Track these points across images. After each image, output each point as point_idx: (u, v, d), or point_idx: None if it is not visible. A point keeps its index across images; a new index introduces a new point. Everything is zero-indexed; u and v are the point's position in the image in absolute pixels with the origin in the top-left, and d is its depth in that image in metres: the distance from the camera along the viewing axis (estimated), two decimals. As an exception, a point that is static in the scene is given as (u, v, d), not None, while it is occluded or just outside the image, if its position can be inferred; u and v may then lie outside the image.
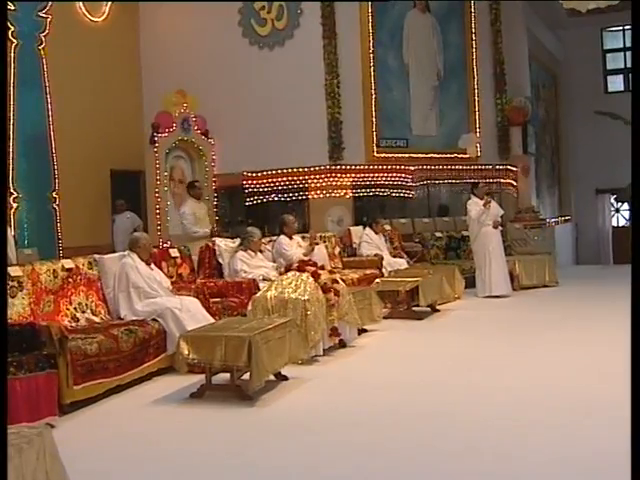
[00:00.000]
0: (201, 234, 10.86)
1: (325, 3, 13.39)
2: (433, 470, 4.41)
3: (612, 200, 23.11)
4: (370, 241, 12.15)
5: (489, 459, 4.50)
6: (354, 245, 12.58)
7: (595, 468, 4.28)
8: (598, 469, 4.27)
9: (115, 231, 13.29)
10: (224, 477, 4.47)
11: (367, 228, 12.34)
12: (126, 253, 7.66)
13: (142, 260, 7.59)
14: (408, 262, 12.24)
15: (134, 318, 7.17)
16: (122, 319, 7.23)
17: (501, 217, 12.15)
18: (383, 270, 11.47)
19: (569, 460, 4.41)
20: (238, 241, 9.59)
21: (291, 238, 10.01)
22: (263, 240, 10.28)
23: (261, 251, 9.79)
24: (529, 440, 4.81)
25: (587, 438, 4.79)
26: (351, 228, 13.03)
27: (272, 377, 6.40)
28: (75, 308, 7.10)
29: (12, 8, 11.15)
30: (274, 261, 9.71)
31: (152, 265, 7.80)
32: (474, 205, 11.89)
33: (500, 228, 11.96)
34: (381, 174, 13.85)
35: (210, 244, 9.72)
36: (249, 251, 9.37)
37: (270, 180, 13.67)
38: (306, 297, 7.39)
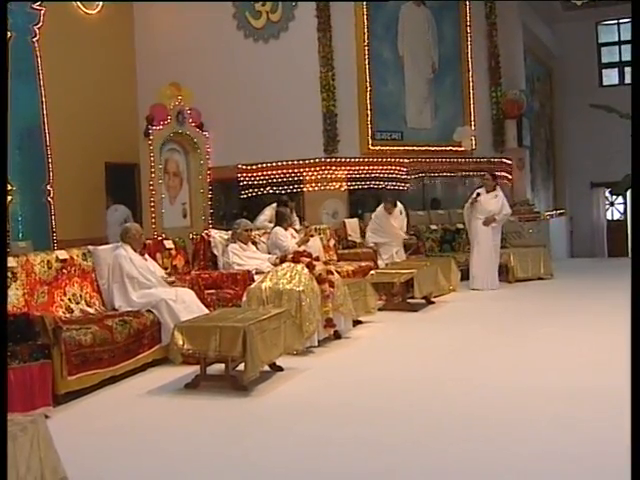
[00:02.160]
0: None
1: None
2: (428, 461, 4.41)
3: (607, 193, 23.14)
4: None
5: (485, 451, 4.49)
6: (349, 237, 12.60)
7: (591, 459, 4.27)
8: (594, 461, 4.25)
9: (107, 225, 13.24)
10: (219, 467, 4.46)
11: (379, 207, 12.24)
12: (119, 244, 7.65)
13: (134, 250, 7.58)
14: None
15: (128, 309, 7.16)
16: (116, 310, 7.22)
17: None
18: (379, 261, 11.48)
19: (566, 451, 4.41)
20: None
21: (286, 230, 9.99)
22: (258, 232, 10.28)
23: (255, 243, 9.78)
24: (525, 431, 4.80)
25: (584, 429, 4.77)
26: (346, 220, 13.04)
27: (267, 368, 6.40)
28: (69, 299, 7.09)
29: (6, 0, 11.10)
30: (269, 253, 9.69)
31: (146, 255, 7.79)
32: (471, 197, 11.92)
33: (493, 225, 11.81)
34: (376, 167, 13.85)
35: (205, 236, 9.71)
36: (239, 242, 9.36)
37: (265, 173, 13.67)
38: (301, 288, 7.39)
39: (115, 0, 14.01)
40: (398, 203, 12.19)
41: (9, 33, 11.18)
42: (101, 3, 13.59)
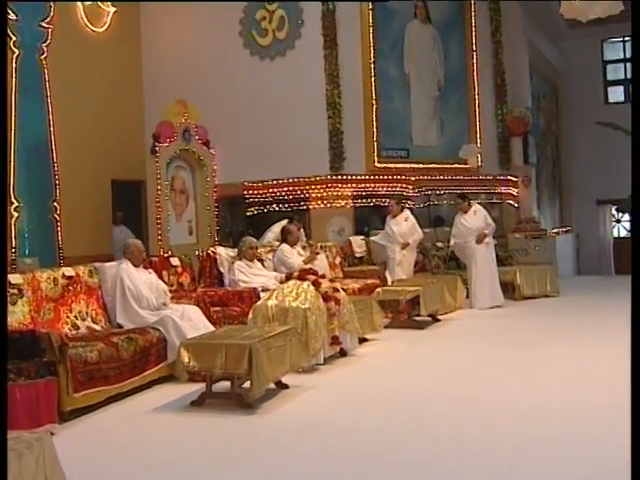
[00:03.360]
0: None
1: (326, 13, 13.39)
2: (433, 478, 4.39)
3: (613, 211, 23.09)
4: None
5: (490, 469, 4.47)
6: (356, 255, 12.59)
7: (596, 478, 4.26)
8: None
9: (113, 242, 13.25)
10: (224, 484, 4.45)
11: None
12: (122, 260, 7.69)
13: (135, 265, 7.61)
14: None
15: (133, 326, 7.16)
16: (122, 327, 7.23)
17: (494, 226, 12.05)
18: (387, 274, 11.48)
19: (571, 471, 4.39)
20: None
21: (293, 247, 9.96)
22: (264, 249, 10.28)
23: (261, 260, 9.78)
24: (529, 450, 4.78)
25: (588, 449, 4.75)
26: (352, 238, 13.03)
27: (273, 385, 6.39)
28: (75, 316, 7.10)
29: (14, 18, 11.17)
30: (275, 270, 9.67)
31: (150, 270, 7.82)
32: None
33: (487, 240, 11.79)
34: (382, 184, 13.85)
35: (211, 253, 9.71)
36: (245, 260, 9.35)
37: (271, 190, 13.68)
38: (307, 306, 7.38)
39: (123, 0, 14.02)
40: (405, 210, 12.19)
41: (17, 51, 11.26)
42: (109, 20, 13.63)
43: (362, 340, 8.68)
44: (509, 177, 16.16)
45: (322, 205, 13.42)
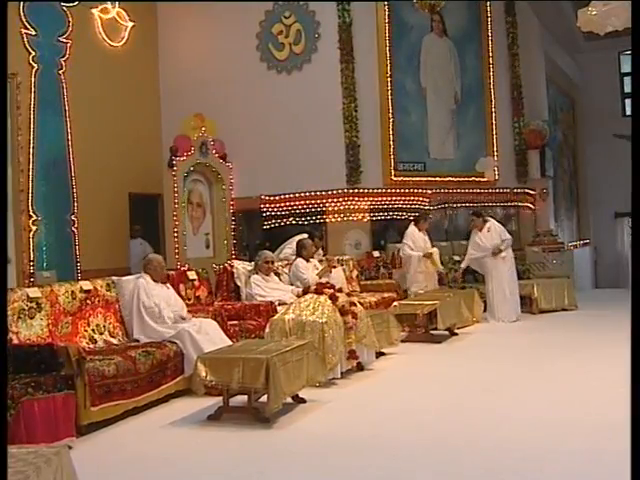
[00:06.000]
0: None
1: (343, 27, 13.42)
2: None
3: (631, 223, 22.95)
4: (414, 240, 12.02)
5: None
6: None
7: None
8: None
9: (131, 255, 13.31)
10: (241, 499, 4.44)
11: (411, 225, 12.15)
12: (141, 274, 7.70)
13: (155, 281, 7.62)
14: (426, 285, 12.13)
15: (148, 340, 7.18)
16: (138, 341, 7.24)
17: (508, 239, 12.00)
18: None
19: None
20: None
21: (308, 261, 9.96)
22: (280, 263, 10.28)
23: (278, 274, 9.77)
24: (547, 464, 4.75)
25: (604, 463, 4.71)
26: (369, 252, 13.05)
27: (290, 399, 6.38)
28: (93, 330, 7.13)
29: (33, 33, 11.28)
30: (292, 284, 9.67)
31: (168, 285, 7.84)
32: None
33: (503, 254, 11.78)
34: (399, 197, 13.83)
35: (228, 266, 9.73)
36: (261, 274, 9.35)
37: (288, 204, 13.68)
38: (324, 320, 7.37)
39: (136, 0, 14.05)
40: None
41: (36, 66, 11.36)
42: (126, 35, 13.68)
43: (379, 354, 8.67)
44: (526, 190, 16.10)
45: (339, 219, 13.41)
